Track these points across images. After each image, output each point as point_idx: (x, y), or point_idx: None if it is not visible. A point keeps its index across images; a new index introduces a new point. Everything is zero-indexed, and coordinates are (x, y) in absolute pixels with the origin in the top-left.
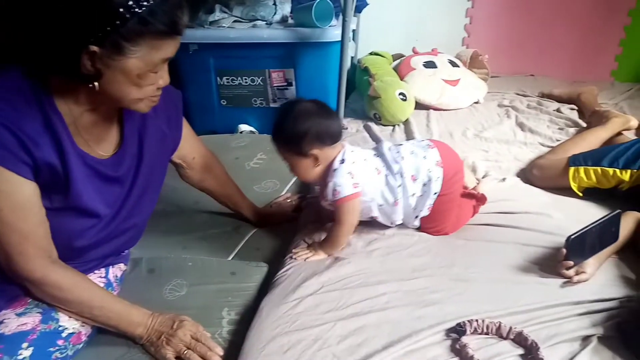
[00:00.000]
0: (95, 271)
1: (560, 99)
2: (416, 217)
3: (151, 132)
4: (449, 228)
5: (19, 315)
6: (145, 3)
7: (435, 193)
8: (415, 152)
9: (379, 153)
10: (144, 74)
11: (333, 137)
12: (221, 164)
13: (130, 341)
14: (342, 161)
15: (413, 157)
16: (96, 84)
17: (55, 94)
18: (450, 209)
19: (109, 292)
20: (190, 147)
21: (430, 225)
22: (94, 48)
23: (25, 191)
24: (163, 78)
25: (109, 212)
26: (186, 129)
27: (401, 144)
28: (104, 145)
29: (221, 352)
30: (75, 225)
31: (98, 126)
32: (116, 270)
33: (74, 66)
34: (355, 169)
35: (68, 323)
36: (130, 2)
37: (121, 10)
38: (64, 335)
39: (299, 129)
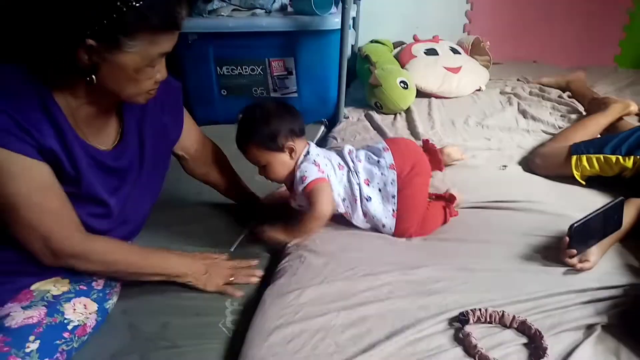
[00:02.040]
0: None
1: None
2: (383, 226)
3: (152, 124)
4: (413, 229)
5: (24, 308)
6: None
7: (393, 196)
8: (370, 156)
9: (341, 154)
10: (141, 68)
11: (302, 129)
12: (224, 155)
13: (133, 331)
14: (307, 153)
15: (367, 161)
16: (94, 77)
17: (53, 87)
18: (413, 207)
19: (145, 247)
20: (191, 138)
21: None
22: (91, 42)
23: (41, 171)
24: (161, 72)
25: (115, 202)
26: (187, 121)
27: (359, 150)
28: (103, 138)
29: (261, 273)
30: (84, 212)
31: (97, 119)
32: None
33: (71, 60)
34: (320, 160)
35: (73, 316)
36: None
37: (119, 3)
38: (69, 327)
39: (273, 125)
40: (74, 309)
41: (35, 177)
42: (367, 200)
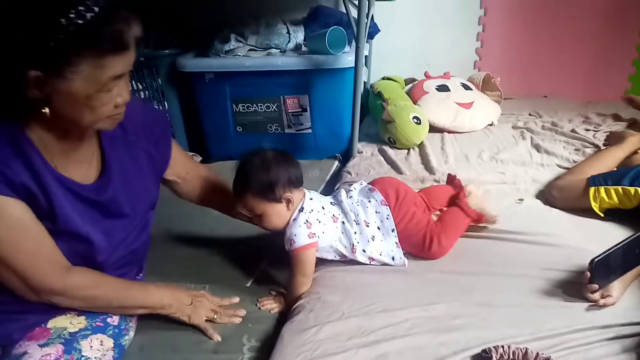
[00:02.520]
0: None
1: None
2: (393, 259)
3: (137, 156)
4: (435, 244)
5: (41, 346)
6: (79, 21)
7: (393, 230)
8: (362, 200)
9: (337, 201)
10: (93, 95)
11: (300, 179)
12: (221, 177)
13: None
14: (301, 209)
15: (361, 205)
16: (47, 110)
17: (23, 121)
18: (415, 228)
19: (126, 280)
20: (182, 164)
21: (417, 251)
22: (35, 73)
23: (14, 208)
24: (122, 96)
25: (101, 237)
26: (176, 149)
27: (352, 190)
28: (83, 171)
29: (243, 313)
30: (66, 250)
31: (73, 151)
32: None
33: (22, 93)
34: (313, 217)
35: (90, 353)
36: (63, 21)
37: (54, 31)
38: None
39: (271, 175)
40: (91, 346)
41: (7, 215)
42: (372, 240)
